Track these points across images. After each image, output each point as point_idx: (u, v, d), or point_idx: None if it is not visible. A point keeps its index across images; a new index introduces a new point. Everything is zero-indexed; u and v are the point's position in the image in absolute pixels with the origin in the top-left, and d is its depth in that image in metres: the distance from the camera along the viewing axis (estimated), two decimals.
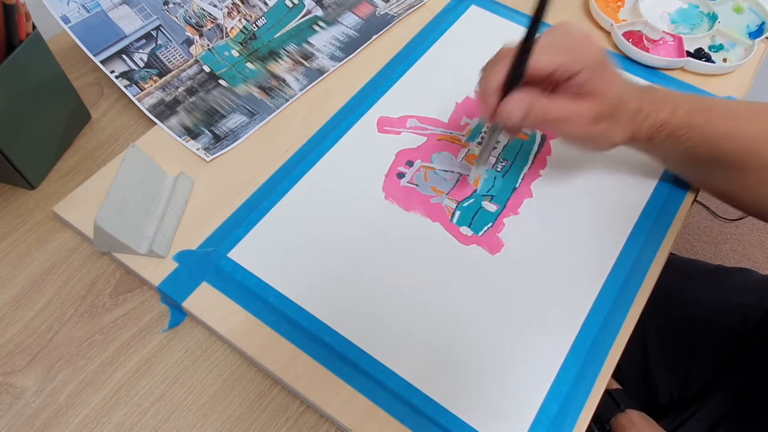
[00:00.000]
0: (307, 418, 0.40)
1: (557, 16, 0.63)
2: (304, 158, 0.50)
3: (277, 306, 0.42)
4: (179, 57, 0.55)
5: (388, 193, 0.49)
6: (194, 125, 0.52)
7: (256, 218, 0.47)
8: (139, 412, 0.39)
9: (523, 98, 0.40)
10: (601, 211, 0.48)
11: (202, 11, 0.58)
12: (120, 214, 0.43)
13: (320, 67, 0.57)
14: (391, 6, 0.63)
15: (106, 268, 0.45)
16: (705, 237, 1.42)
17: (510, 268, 0.45)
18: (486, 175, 0.50)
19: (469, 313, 0.43)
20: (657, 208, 0.48)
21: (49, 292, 0.44)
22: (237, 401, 0.40)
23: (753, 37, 0.61)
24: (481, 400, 0.39)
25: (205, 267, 0.44)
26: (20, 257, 0.45)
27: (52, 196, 0.49)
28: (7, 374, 0.40)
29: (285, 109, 0.54)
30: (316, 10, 0.61)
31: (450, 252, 0.46)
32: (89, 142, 0.52)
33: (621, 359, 0.41)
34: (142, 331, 0.42)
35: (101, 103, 0.55)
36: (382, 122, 0.53)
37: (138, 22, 0.55)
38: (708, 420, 0.60)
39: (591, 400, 0.39)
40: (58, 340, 0.42)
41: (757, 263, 1.38)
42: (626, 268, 0.45)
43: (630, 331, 0.43)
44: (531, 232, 0.47)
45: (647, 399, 0.66)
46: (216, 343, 0.42)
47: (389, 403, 0.39)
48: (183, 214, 0.47)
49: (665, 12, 0.64)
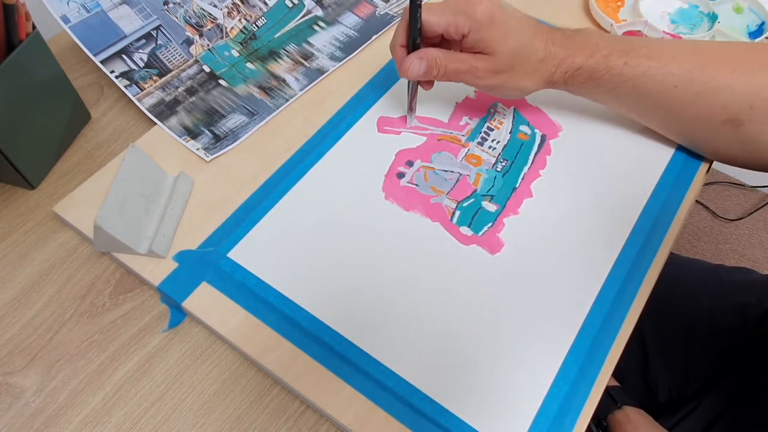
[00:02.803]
0: (307, 418, 0.40)
1: (557, 16, 0.63)
2: (304, 158, 0.50)
3: (277, 306, 0.42)
4: (179, 57, 0.55)
5: (388, 193, 0.49)
6: (194, 125, 0.52)
7: (256, 218, 0.47)
8: (139, 412, 0.39)
9: (421, 54, 0.45)
10: (601, 211, 0.48)
11: (202, 11, 0.58)
12: (120, 214, 0.43)
13: (320, 67, 0.57)
14: (391, 6, 0.63)
15: (106, 268, 0.45)
16: (705, 237, 1.42)
17: (510, 268, 0.45)
18: (485, 174, 0.50)
19: (468, 313, 0.43)
20: (657, 208, 0.48)
21: (49, 292, 0.44)
22: (237, 401, 0.40)
23: (753, 37, 0.61)
24: (481, 400, 0.39)
25: (205, 267, 0.44)
26: (20, 257, 0.45)
27: (52, 196, 0.49)
28: (7, 374, 0.40)
29: (285, 109, 0.54)
30: (316, 10, 0.61)
31: (450, 252, 0.46)
32: (89, 142, 0.52)
33: (620, 358, 0.42)
34: (142, 331, 0.42)
35: (101, 103, 0.55)
36: (382, 122, 0.53)
37: (138, 22, 0.55)
38: (706, 417, 0.60)
39: (591, 400, 0.39)
40: (58, 340, 0.42)
41: (757, 263, 1.38)
42: (626, 268, 0.45)
43: (630, 331, 0.43)
44: (531, 232, 0.47)
45: (646, 397, 0.67)
46: (216, 343, 0.42)
47: (389, 403, 0.39)
48: (183, 214, 0.47)
49: (665, 12, 0.64)
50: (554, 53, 0.45)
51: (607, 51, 0.45)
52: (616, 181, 0.50)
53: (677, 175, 0.50)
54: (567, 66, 0.45)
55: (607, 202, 0.49)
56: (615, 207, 0.48)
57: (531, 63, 0.45)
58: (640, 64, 0.44)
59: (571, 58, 0.45)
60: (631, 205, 0.49)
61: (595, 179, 0.50)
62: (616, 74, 0.45)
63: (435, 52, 0.45)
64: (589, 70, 0.45)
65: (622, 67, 0.45)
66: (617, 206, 0.49)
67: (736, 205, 1.47)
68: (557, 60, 0.45)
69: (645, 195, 0.49)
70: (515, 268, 0.45)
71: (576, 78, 0.46)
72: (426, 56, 0.45)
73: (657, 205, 0.49)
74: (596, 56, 0.45)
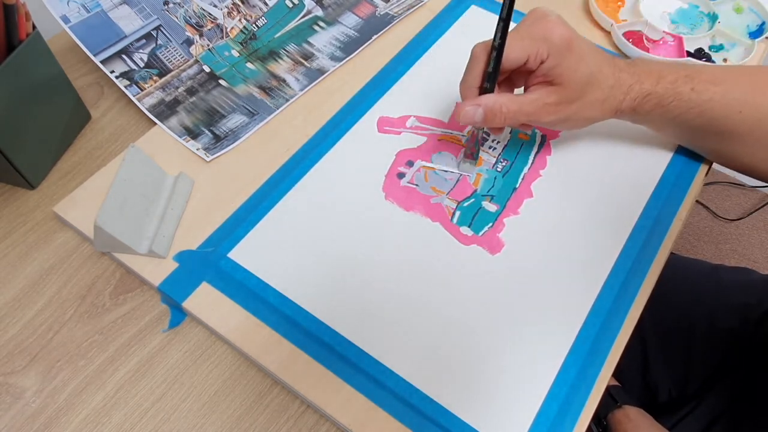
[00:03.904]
0: (307, 418, 0.40)
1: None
2: (304, 158, 0.50)
3: (277, 306, 0.42)
4: (179, 57, 0.55)
5: (388, 193, 0.49)
6: (194, 125, 0.52)
7: (256, 218, 0.47)
8: (139, 413, 0.39)
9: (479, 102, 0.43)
10: (601, 211, 0.48)
11: (202, 11, 0.58)
12: (120, 214, 0.43)
13: (320, 67, 0.57)
14: (391, 6, 0.63)
15: (106, 268, 0.45)
16: (705, 237, 1.42)
17: (510, 268, 0.45)
18: (486, 174, 0.50)
19: (469, 313, 0.43)
20: (657, 208, 0.48)
21: (49, 292, 0.44)
22: (237, 401, 0.40)
23: (753, 37, 0.61)
24: (481, 400, 0.39)
25: (205, 267, 0.44)
26: (20, 257, 0.45)
27: (52, 196, 0.49)
28: (7, 374, 0.40)
29: (285, 109, 0.54)
30: (316, 10, 0.61)
31: (450, 252, 0.45)
32: (89, 142, 0.52)
33: (620, 358, 0.42)
34: (142, 331, 0.42)
35: (101, 103, 0.55)
36: (382, 122, 0.53)
37: (138, 22, 0.55)
38: (706, 417, 0.60)
39: (591, 400, 0.39)
40: (58, 340, 0.42)
41: (757, 263, 1.38)
42: (626, 268, 0.45)
43: (630, 331, 0.43)
44: (531, 232, 0.47)
45: (646, 397, 0.67)
46: (216, 343, 0.42)
47: (389, 403, 0.39)
48: (183, 214, 0.47)
49: (665, 12, 0.64)
50: (623, 80, 0.44)
51: (673, 77, 0.44)
52: (617, 182, 0.50)
53: (677, 175, 0.50)
54: (636, 93, 0.44)
55: (608, 202, 0.49)
56: (615, 207, 0.48)
57: (602, 90, 0.44)
58: (707, 89, 0.44)
59: (639, 85, 0.44)
60: (631, 205, 0.49)
61: (595, 179, 0.50)
62: (685, 100, 0.44)
63: (494, 99, 0.43)
64: (657, 96, 0.44)
65: (689, 93, 0.44)
66: (617, 206, 0.49)
67: (736, 205, 1.47)
68: (625, 87, 0.44)
69: (645, 195, 0.49)
70: (515, 269, 0.45)
71: (644, 105, 0.45)
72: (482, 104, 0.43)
73: (657, 205, 0.49)
74: (663, 83, 0.44)
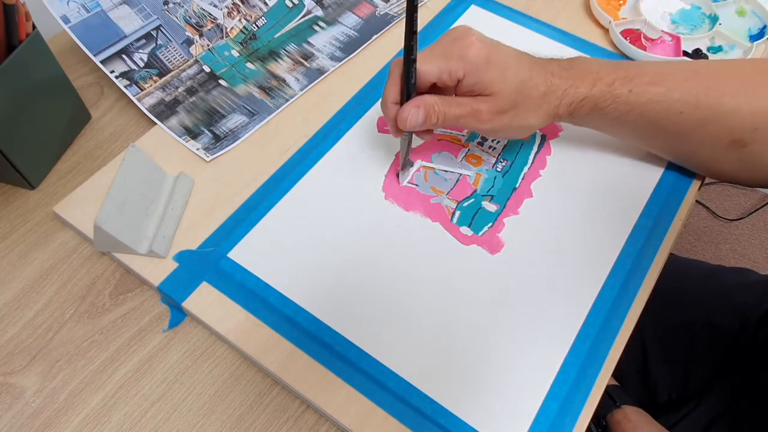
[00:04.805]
0: (307, 418, 0.40)
1: (557, 14, 0.63)
2: (304, 158, 0.50)
3: (277, 306, 0.42)
4: (179, 57, 0.55)
5: (388, 193, 0.49)
6: (194, 125, 0.52)
7: (256, 218, 0.47)
8: (139, 412, 0.39)
9: (417, 102, 0.42)
10: (601, 211, 0.48)
11: (202, 11, 0.58)
12: (120, 214, 0.43)
13: (320, 67, 0.57)
14: (391, 6, 0.63)
15: (106, 268, 0.45)
16: (705, 237, 1.42)
17: (510, 268, 0.45)
18: (485, 174, 0.50)
19: (468, 313, 0.43)
20: (657, 208, 0.48)
21: (49, 292, 0.44)
22: (237, 401, 0.40)
23: (754, 40, 0.60)
24: (481, 400, 0.39)
25: (205, 267, 0.44)
26: (20, 257, 0.45)
27: (52, 196, 0.49)
28: (7, 374, 0.40)
29: (285, 109, 0.54)
30: (316, 10, 0.61)
31: (450, 252, 0.45)
32: (89, 142, 0.52)
33: (620, 358, 0.42)
34: (142, 331, 0.42)
35: (101, 103, 0.55)
36: (382, 122, 0.53)
37: (138, 22, 0.55)
38: (706, 417, 0.60)
39: (591, 400, 0.39)
40: (58, 340, 0.42)
41: (757, 263, 1.38)
42: (626, 268, 0.45)
43: (630, 332, 0.43)
44: (531, 232, 0.47)
45: (646, 397, 0.67)
46: (216, 343, 0.42)
47: (389, 403, 0.39)
48: (183, 214, 0.47)
49: (666, 12, 0.64)
50: (555, 86, 0.44)
51: (610, 79, 0.44)
52: (616, 181, 0.50)
53: (677, 175, 0.50)
54: (571, 97, 0.44)
55: (607, 202, 0.49)
56: (615, 207, 0.48)
57: (533, 99, 0.43)
58: (645, 91, 0.43)
59: (574, 89, 0.44)
60: (631, 205, 0.49)
61: (595, 179, 0.50)
62: (622, 102, 0.44)
63: (431, 99, 0.42)
64: (593, 99, 0.44)
65: (627, 95, 0.43)
66: (617, 206, 0.49)
67: (736, 205, 1.47)
68: (559, 92, 0.44)
69: (645, 195, 0.49)
70: (515, 269, 0.45)
71: (581, 109, 0.44)
72: (423, 103, 0.42)
73: (657, 205, 0.49)
74: (599, 85, 0.43)
